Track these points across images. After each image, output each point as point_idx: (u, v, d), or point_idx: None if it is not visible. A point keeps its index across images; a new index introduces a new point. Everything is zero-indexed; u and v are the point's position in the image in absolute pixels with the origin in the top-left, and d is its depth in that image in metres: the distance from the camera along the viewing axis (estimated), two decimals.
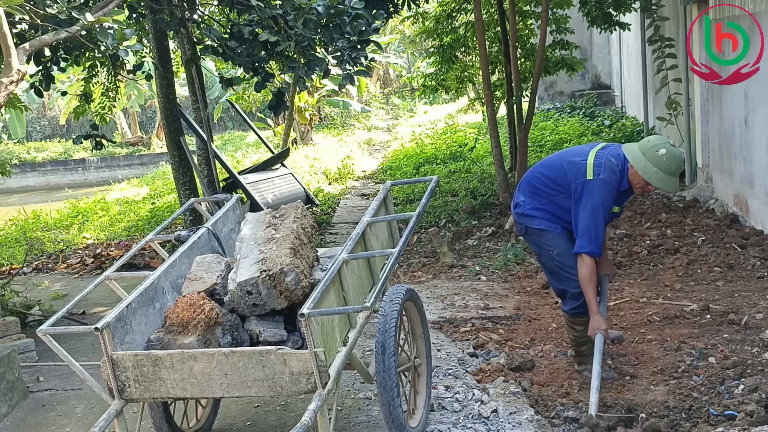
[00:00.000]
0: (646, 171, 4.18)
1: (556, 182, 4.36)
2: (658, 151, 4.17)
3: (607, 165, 4.23)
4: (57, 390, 4.94)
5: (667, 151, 4.18)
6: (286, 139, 16.04)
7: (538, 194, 4.44)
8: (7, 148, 31.11)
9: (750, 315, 5.06)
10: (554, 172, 4.40)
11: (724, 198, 7.99)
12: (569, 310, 4.45)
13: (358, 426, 3.93)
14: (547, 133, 14.50)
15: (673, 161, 4.18)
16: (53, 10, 5.22)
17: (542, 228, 4.41)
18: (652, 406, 4.00)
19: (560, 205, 4.37)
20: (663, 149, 4.18)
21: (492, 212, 9.33)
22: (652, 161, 4.17)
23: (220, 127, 32.74)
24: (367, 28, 6.69)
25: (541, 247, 4.46)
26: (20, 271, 9.00)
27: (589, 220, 4.20)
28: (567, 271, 4.35)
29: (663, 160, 4.16)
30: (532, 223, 4.44)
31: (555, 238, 4.38)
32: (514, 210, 4.60)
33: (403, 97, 31.58)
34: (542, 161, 4.64)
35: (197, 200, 4.86)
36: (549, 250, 4.40)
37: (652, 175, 4.17)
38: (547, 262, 4.47)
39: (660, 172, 4.16)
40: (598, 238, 4.21)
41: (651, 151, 4.18)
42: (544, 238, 4.41)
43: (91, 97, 9.35)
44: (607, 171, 4.22)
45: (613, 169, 4.23)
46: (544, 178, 4.43)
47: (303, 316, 2.97)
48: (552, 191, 4.38)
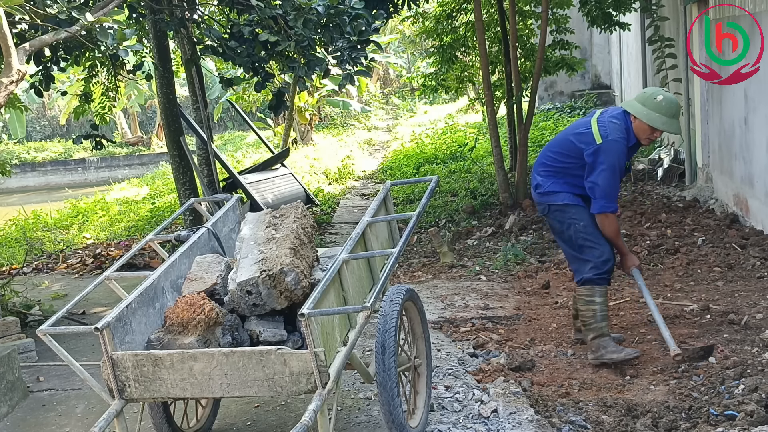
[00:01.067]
0: (650, 118, 4.49)
1: (569, 155, 4.63)
2: (656, 97, 4.50)
3: (611, 126, 4.52)
4: (57, 390, 4.94)
5: (664, 97, 4.51)
6: (286, 139, 16.03)
7: (554, 171, 4.69)
8: (7, 148, 31.11)
9: (750, 315, 5.06)
10: (563, 146, 4.69)
11: (724, 198, 7.99)
12: (593, 275, 4.59)
13: (358, 426, 3.93)
14: (547, 133, 14.51)
15: (672, 104, 4.52)
16: (53, 10, 5.22)
17: (566, 202, 4.64)
18: (652, 406, 4.00)
19: (577, 175, 4.61)
20: (660, 95, 4.52)
21: (492, 212, 9.33)
22: (654, 108, 4.49)
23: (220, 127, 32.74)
24: (367, 28, 6.69)
25: (564, 222, 4.67)
26: (20, 271, 9.00)
27: (606, 181, 4.47)
28: (592, 241, 4.59)
29: (663, 105, 4.49)
30: (555, 199, 4.67)
31: (579, 211, 4.63)
32: (534, 191, 4.82)
33: (403, 97, 31.58)
34: (548, 144, 4.90)
35: (197, 200, 4.86)
36: (575, 222, 4.63)
37: (657, 120, 4.48)
38: (573, 235, 4.64)
39: (663, 117, 4.48)
40: (615, 196, 4.54)
41: (650, 100, 4.51)
42: (568, 213, 4.64)
43: (91, 97, 9.34)
44: (613, 131, 4.50)
45: (617, 127, 4.52)
46: (555, 155, 4.70)
47: (303, 316, 2.97)
48: (567, 164, 4.63)
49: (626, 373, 4.52)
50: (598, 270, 4.59)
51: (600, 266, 4.59)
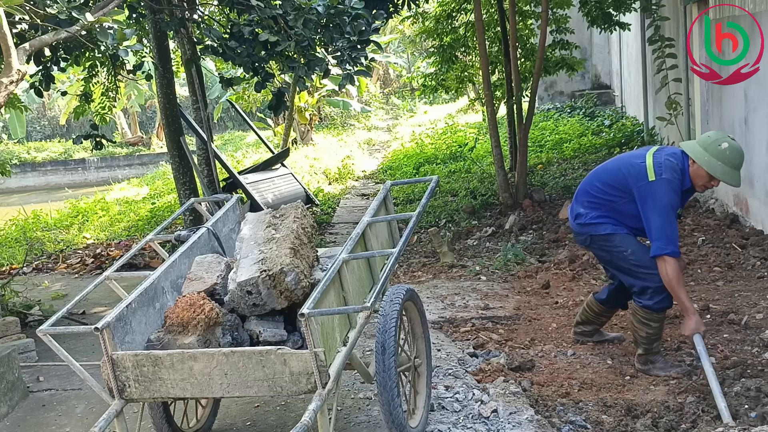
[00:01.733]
0: (710, 165, 4.17)
1: (616, 188, 4.35)
2: (720, 145, 4.17)
3: (667, 164, 4.22)
4: (57, 390, 4.94)
5: (729, 145, 4.18)
6: (286, 139, 16.04)
7: (598, 203, 4.43)
8: (7, 148, 31.12)
9: (750, 315, 5.06)
10: (613, 177, 4.39)
11: (724, 198, 7.99)
12: (654, 304, 4.33)
13: (358, 426, 3.93)
14: (547, 133, 14.51)
15: (736, 154, 4.19)
16: (53, 10, 5.22)
17: (609, 232, 4.39)
18: (652, 406, 4.00)
19: (622, 210, 4.36)
20: (725, 143, 4.18)
21: (492, 212, 9.33)
22: (716, 155, 4.16)
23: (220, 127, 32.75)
24: (367, 28, 6.69)
25: (611, 252, 4.42)
26: (20, 271, 9.00)
27: (661, 220, 4.17)
28: (645, 267, 4.30)
29: (726, 154, 4.16)
30: (598, 230, 4.41)
31: (624, 238, 4.36)
32: (575, 222, 4.56)
33: (403, 97, 31.58)
34: (596, 170, 4.61)
35: (197, 200, 4.86)
36: (621, 251, 4.37)
37: (718, 169, 4.16)
38: (621, 264, 4.41)
39: (725, 166, 4.17)
40: (674, 237, 4.18)
41: (713, 146, 4.18)
42: (613, 242, 4.39)
43: (91, 97, 9.35)
44: (668, 170, 4.20)
45: (673, 167, 4.22)
46: (602, 185, 4.42)
47: (303, 316, 2.97)
48: (612, 198, 4.37)
49: (626, 373, 4.52)
50: (660, 296, 4.31)
51: (661, 291, 4.29)
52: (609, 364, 4.67)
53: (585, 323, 5.02)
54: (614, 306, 4.87)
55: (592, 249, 4.60)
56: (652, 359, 4.49)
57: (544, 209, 8.94)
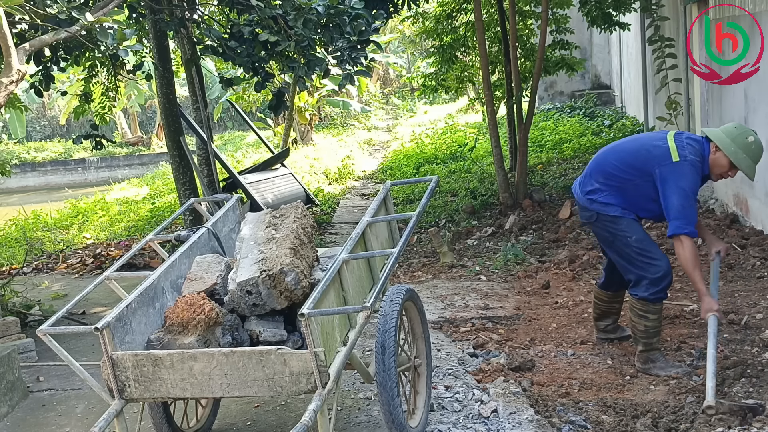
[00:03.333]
0: (737, 157, 4.22)
1: (635, 167, 4.34)
2: (748, 138, 4.24)
3: (691, 147, 4.26)
4: (57, 390, 4.94)
5: (755, 140, 4.25)
6: (286, 139, 16.04)
7: (613, 183, 4.41)
8: (7, 148, 31.12)
9: (750, 315, 5.06)
10: (632, 156, 4.38)
11: (724, 198, 7.99)
12: (649, 295, 4.34)
13: (358, 426, 3.93)
14: (547, 133, 14.51)
15: (760, 149, 4.27)
16: (53, 10, 5.22)
17: (617, 215, 4.39)
18: (652, 406, 4.00)
19: (635, 192, 4.36)
20: (751, 137, 4.25)
21: (492, 212, 9.33)
22: (743, 147, 4.22)
23: (220, 127, 32.75)
24: (367, 28, 6.69)
25: (615, 234, 4.43)
26: (20, 271, 9.00)
27: (681, 201, 4.17)
28: (646, 256, 4.34)
29: (752, 148, 4.24)
30: (607, 210, 4.41)
31: (630, 224, 4.38)
32: (585, 196, 4.52)
33: (403, 97, 31.59)
34: (612, 148, 4.59)
35: (197, 200, 4.86)
36: (626, 236, 4.38)
37: (743, 161, 4.22)
38: (623, 249, 4.41)
39: (748, 159, 4.23)
40: (692, 217, 4.19)
41: (740, 138, 4.23)
42: (619, 225, 4.40)
43: (91, 97, 9.35)
44: (692, 152, 4.24)
45: (698, 151, 4.27)
46: (621, 163, 4.41)
47: (303, 316, 2.97)
48: (630, 177, 4.36)
49: (626, 373, 4.52)
50: (655, 287, 4.33)
51: (657, 283, 4.33)
52: (609, 364, 4.67)
53: (601, 317, 4.96)
54: (618, 288, 4.81)
55: (595, 227, 4.58)
56: (653, 357, 4.48)
57: (544, 209, 8.94)
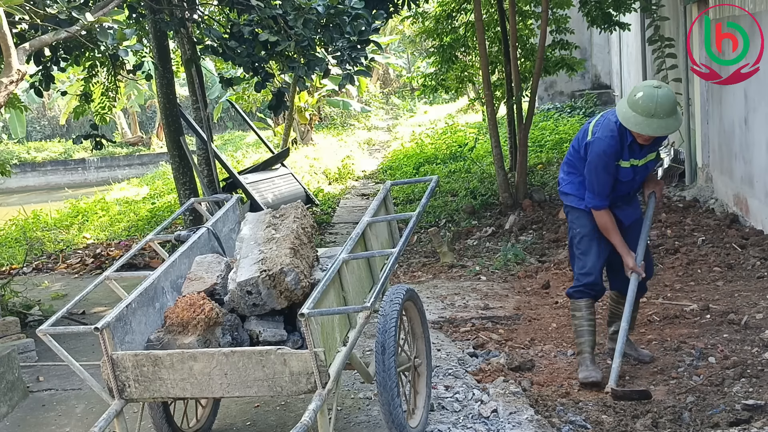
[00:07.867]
0: (625, 117, 4.10)
1: (577, 150, 4.46)
2: (636, 94, 4.08)
3: (604, 123, 4.28)
4: (57, 390, 4.94)
5: (644, 93, 4.04)
6: (286, 139, 16.03)
7: (569, 169, 4.55)
8: (7, 148, 31.09)
9: (750, 315, 5.06)
10: (575, 141, 4.51)
11: (724, 198, 7.99)
12: (572, 289, 4.50)
13: (358, 426, 3.93)
14: (547, 133, 14.50)
15: (650, 102, 4.01)
16: (53, 10, 5.22)
17: (572, 205, 4.52)
18: (652, 406, 4.00)
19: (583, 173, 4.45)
20: (640, 92, 4.07)
21: (492, 212, 9.33)
22: (630, 105, 4.09)
23: (220, 127, 32.72)
24: (367, 28, 6.69)
25: (571, 223, 4.58)
26: (20, 271, 9.00)
27: (592, 177, 4.30)
28: (581, 251, 4.48)
29: (639, 103, 4.04)
30: (567, 200, 4.57)
31: (579, 217, 4.49)
32: (558, 187, 4.69)
33: (403, 97, 31.56)
34: None
35: (197, 200, 4.86)
36: (573, 227, 4.55)
37: (630, 120, 4.08)
38: (570, 240, 4.60)
39: (637, 116, 4.04)
40: (601, 191, 4.29)
41: (630, 96, 4.12)
42: (573, 215, 4.55)
43: (91, 97, 9.34)
44: (602, 129, 4.26)
45: (608, 125, 4.24)
46: (571, 149, 4.54)
47: (303, 316, 2.97)
48: (577, 161, 4.47)
49: (626, 374, 4.52)
50: (577, 282, 4.46)
51: (579, 278, 4.45)
52: (608, 364, 4.66)
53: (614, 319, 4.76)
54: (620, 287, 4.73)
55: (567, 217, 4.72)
56: (579, 360, 4.47)
57: (544, 209, 8.94)
